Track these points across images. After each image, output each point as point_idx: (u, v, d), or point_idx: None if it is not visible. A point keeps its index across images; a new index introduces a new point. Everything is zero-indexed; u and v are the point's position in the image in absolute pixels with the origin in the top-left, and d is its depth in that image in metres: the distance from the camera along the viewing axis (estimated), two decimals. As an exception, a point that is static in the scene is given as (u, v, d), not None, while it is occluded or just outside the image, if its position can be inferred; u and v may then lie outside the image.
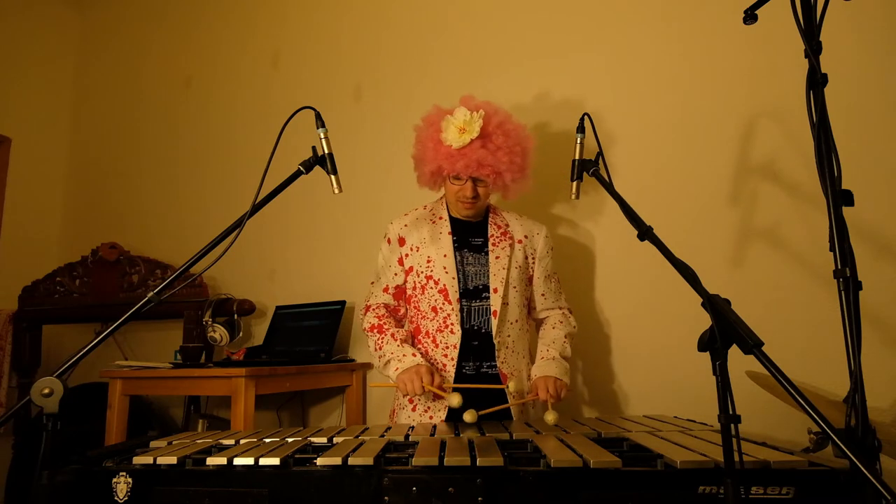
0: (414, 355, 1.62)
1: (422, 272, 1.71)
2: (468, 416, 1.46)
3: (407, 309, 1.81)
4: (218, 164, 3.05)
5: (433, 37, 2.58)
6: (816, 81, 1.00)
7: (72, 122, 3.62)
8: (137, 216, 3.24)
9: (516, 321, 1.72)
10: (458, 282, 1.68)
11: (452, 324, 1.66)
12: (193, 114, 3.19)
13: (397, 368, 1.61)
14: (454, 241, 1.73)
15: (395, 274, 1.78)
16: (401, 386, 1.57)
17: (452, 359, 1.64)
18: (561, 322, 1.79)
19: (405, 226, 1.78)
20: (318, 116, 1.36)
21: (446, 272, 1.68)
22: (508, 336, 1.70)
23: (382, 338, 1.70)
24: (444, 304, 1.67)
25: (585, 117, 1.47)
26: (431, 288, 1.69)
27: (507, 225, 1.79)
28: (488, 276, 1.70)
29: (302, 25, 2.94)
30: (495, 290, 1.68)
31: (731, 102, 1.98)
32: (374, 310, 1.80)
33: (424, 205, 1.84)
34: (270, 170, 1.28)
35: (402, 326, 1.80)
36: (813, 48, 1.01)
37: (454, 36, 2.53)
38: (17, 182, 3.29)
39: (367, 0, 2.77)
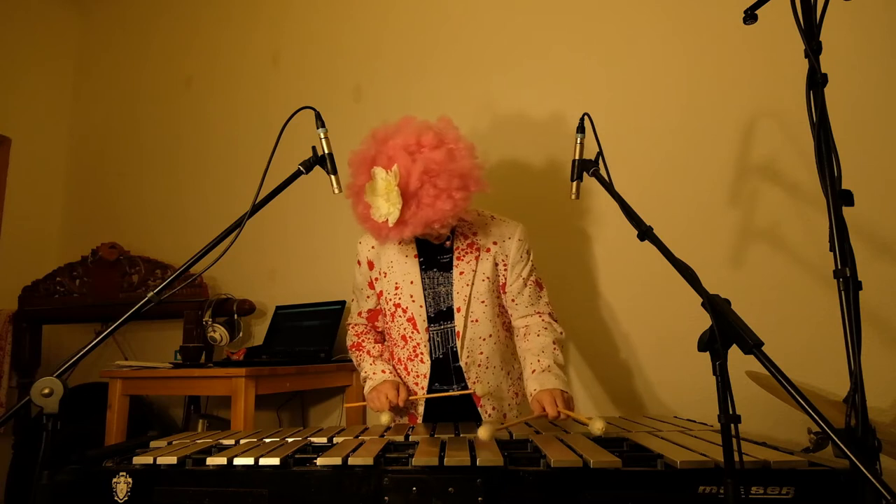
0: (384, 371, 1.63)
1: (390, 299, 1.65)
2: (483, 433, 1.15)
3: (384, 328, 1.76)
4: (218, 164, 3.05)
5: (433, 37, 2.58)
6: (816, 81, 0.99)
7: (72, 122, 3.62)
8: (137, 216, 3.24)
9: (489, 336, 1.62)
10: (427, 308, 1.61)
11: (422, 353, 1.61)
12: (193, 114, 3.19)
13: (370, 387, 1.62)
14: (421, 264, 1.64)
15: (368, 297, 1.74)
16: (370, 404, 1.58)
17: (423, 388, 1.61)
18: (545, 329, 1.62)
19: (372, 248, 1.69)
20: (318, 116, 1.36)
21: (413, 300, 1.61)
22: (480, 353, 1.61)
23: (360, 355, 1.71)
24: (412, 332, 1.62)
25: (585, 117, 1.46)
26: (400, 316, 1.64)
27: (475, 234, 1.65)
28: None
29: (302, 25, 2.94)
30: (458, 310, 1.59)
31: (731, 102, 1.99)
32: (353, 328, 1.79)
33: None
34: (270, 170, 1.28)
35: (383, 340, 1.78)
36: (813, 48, 1.01)
37: (454, 37, 2.53)
38: (17, 182, 3.29)
39: (367, 0, 2.77)
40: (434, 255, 1.64)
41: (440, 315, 1.61)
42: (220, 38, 3.18)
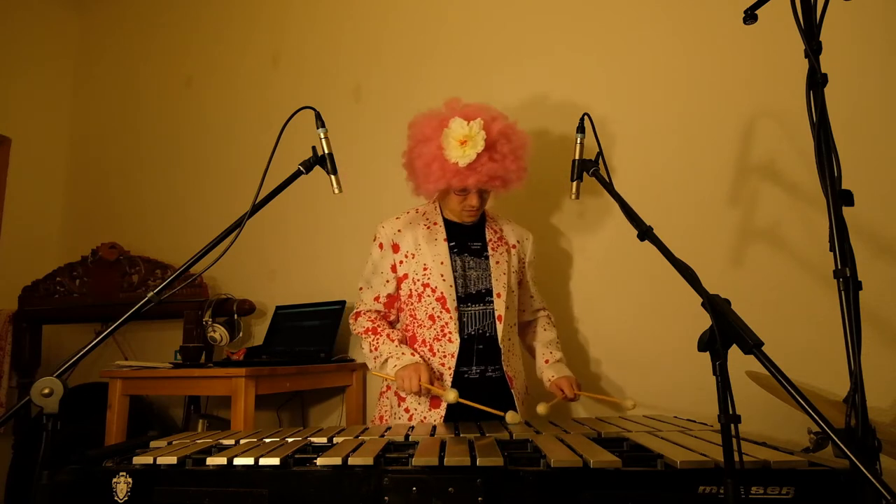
0: (413, 354, 1.62)
1: (418, 280, 1.68)
2: (511, 417, 1.42)
3: (398, 317, 1.78)
4: (218, 164, 3.05)
5: (433, 37, 2.58)
6: (816, 81, 1.00)
7: (72, 122, 3.62)
8: (137, 216, 3.24)
9: (514, 324, 1.77)
10: (457, 289, 1.66)
11: (451, 332, 1.64)
12: (193, 114, 3.19)
13: (395, 366, 1.59)
14: (452, 247, 1.70)
15: (387, 282, 1.73)
16: (399, 382, 1.55)
17: (450, 368, 1.62)
18: (548, 325, 1.88)
19: (398, 231, 1.72)
20: (318, 116, 1.36)
21: (443, 279, 1.65)
22: (509, 339, 1.71)
23: (378, 338, 1.67)
24: (441, 312, 1.65)
25: (585, 117, 1.47)
26: (429, 296, 1.66)
27: (501, 230, 1.80)
28: (490, 280, 1.69)
29: (302, 25, 2.94)
30: (499, 295, 1.68)
31: (731, 102, 1.98)
32: (365, 314, 1.76)
33: (416, 208, 1.79)
34: (270, 170, 1.28)
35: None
36: (813, 48, 1.01)
37: (454, 36, 2.53)
38: (17, 182, 3.29)
39: (367, 0, 2.77)
40: (465, 241, 1.73)
41: (469, 297, 1.68)
42: (220, 38, 3.18)
